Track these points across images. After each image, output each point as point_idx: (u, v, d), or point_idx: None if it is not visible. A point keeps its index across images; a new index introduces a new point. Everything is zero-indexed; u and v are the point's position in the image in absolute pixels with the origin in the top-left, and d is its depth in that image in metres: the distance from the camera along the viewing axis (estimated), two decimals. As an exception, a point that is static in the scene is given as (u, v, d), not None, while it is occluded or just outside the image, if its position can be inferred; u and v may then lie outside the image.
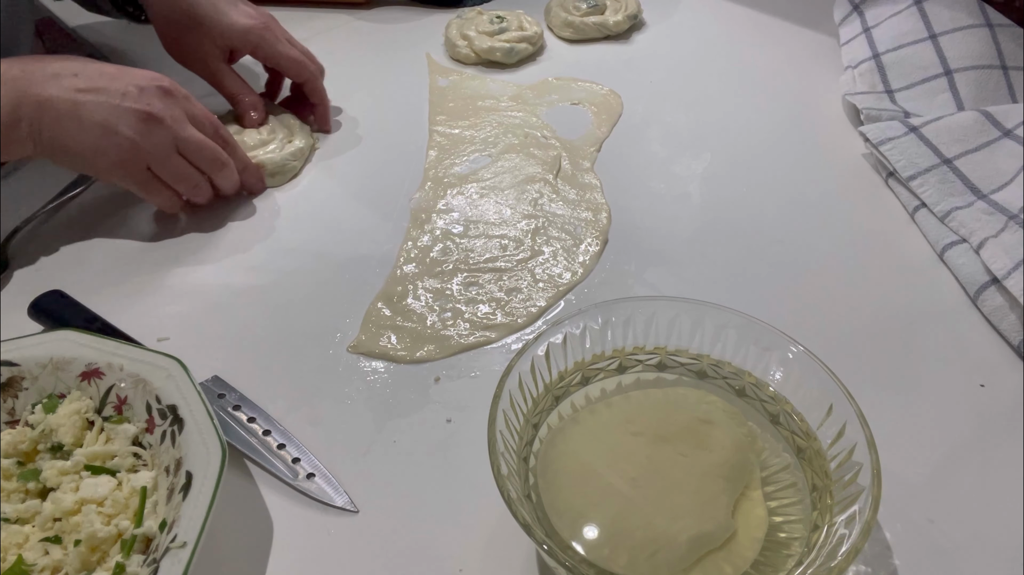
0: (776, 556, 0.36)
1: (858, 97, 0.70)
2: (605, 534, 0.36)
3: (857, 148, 0.68)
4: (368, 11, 0.91)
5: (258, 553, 0.41)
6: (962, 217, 0.57)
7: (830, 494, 0.37)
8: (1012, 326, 0.51)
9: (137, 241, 0.60)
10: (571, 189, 0.64)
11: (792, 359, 0.41)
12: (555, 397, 0.42)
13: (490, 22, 0.82)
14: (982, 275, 0.53)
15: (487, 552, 0.41)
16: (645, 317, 0.44)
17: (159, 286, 0.56)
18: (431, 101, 0.75)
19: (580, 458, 0.40)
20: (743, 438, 0.40)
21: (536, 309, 0.54)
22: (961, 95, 0.67)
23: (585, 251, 0.58)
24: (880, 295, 0.55)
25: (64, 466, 0.41)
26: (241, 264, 0.58)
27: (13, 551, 0.38)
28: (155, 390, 0.42)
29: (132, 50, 0.83)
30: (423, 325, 0.53)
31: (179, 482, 0.38)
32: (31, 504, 0.39)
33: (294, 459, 0.44)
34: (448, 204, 0.63)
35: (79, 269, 0.57)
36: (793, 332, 0.41)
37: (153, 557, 0.36)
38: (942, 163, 0.60)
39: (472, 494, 0.43)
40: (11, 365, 0.44)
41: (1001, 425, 0.46)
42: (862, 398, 0.38)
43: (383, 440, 0.46)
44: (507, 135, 0.70)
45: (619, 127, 0.72)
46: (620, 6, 0.85)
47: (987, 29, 0.68)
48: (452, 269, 0.57)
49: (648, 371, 0.44)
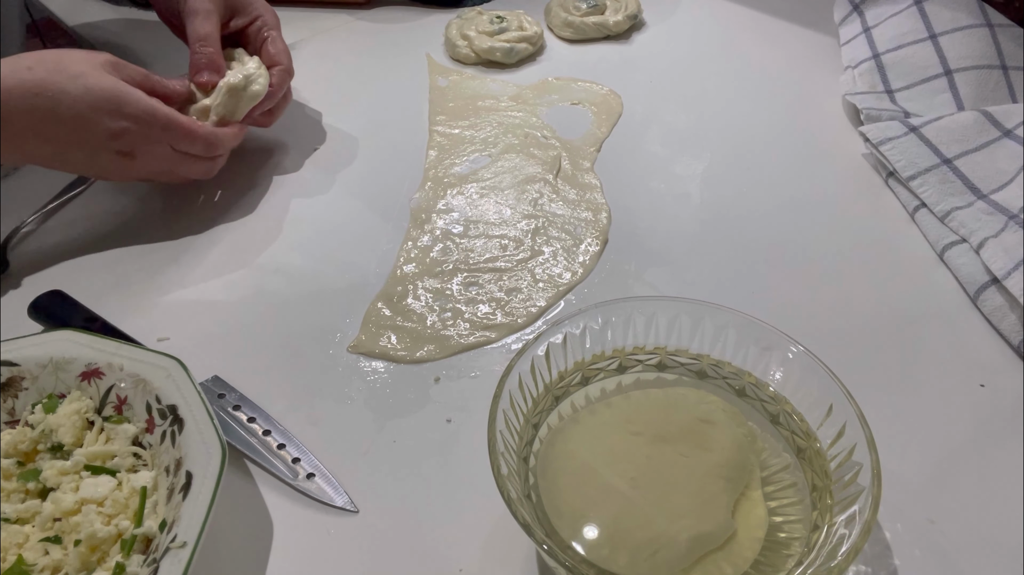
0: (776, 556, 0.36)
1: (858, 97, 0.70)
2: (605, 534, 0.36)
3: (857, 148, 0.68)
4: (368, 11, 0.91)
5: (258, 553, 0.41)
6: (962, 217, 0.57)
7: (830, 494, 0.37)
8: (1012, 326, 0.51)
9: (137, 241, 0.60)
10: (571, 189, 0.64)
11: (792, 359, 0.41)
12: (555, 397, 0.42)
13: (490, 22, 0.82)
14: (982, 275, 0.53)
15: (487, 552, 0.41)
16: (645, 317, 0.44)
17: (159, 286, 0.56)
18: (431, 101, 0.75)
19: (580, 458, 0.40)
20: (743, 438, 0.40)
21: (536, 309, 0.54)
22: (961, 95, 0.67)
23: (585, 251, 0.58)
24: (880, 295, 0.55)
25: (64, 466, 0.41)
26: (241, 264, 0.58)
27: (13, 551, 0.38)
28: (155, 390, 0.42)
29: (133, 47, 0.83)
30: (423, 325, 0.53)
31: (179, 482, 0.38)
32: (31, 504, 0.39)
33: (294, 459, 0.44)
34: (448, 204, 0.63)
35: (79, 269, 0.57)
36: (793, 332, 0.41)
37: (153, 557, 0.36)
38: (942, 163, 0.60)
39: (472, 494, 0.43)
40: (11, 365, 0.44)
41: (1001, 425, 0.46)
42: (862, 398, 0.38)
43: (383, 440, 0.46)
44: (507, 135, 0.70)
45: (619, 127, 0.72)
46: (620, 6, 0.85)
47: (987, 29, 0.68)
48: (452, 269, 0.57)
49: (648, 371, 0.44)
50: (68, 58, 0.53)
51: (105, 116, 0.53)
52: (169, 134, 0.56)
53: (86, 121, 0.53)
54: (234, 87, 0.61)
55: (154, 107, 0.55)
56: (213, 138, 0.59)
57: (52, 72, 0.52)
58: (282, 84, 0.65)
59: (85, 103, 0.52)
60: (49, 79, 0.51)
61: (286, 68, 0.66)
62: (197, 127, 0.58)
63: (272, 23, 0.67)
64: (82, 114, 0.52)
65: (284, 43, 0.67)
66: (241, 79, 0.61)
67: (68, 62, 0.53)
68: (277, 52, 0.66)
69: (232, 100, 0.61)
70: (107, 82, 0.53)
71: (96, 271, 0.57)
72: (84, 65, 0.53)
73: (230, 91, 0.61)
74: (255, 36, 0.67)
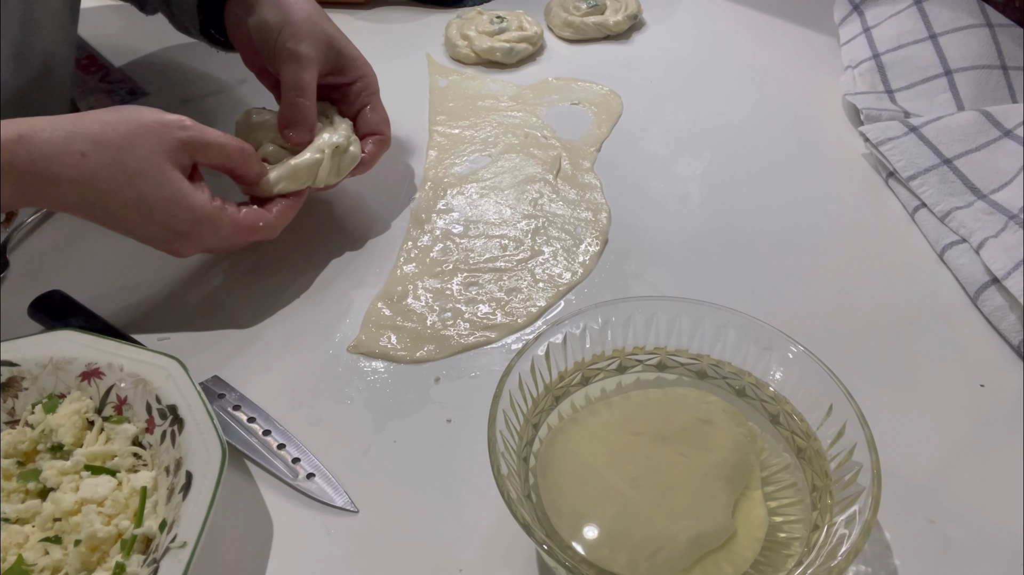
0: (776, 556, 0.36)
1: (858, 97, 0.70)
2: (605, 534, 0.36)
3: (857, 148, 0.68)
4: (368, 11, 0.91)
5: (258, 553, 0.41)
6: (962, 217, 0.57)
7: (830, 494, 0.37)
8: (1012, 326, 0.51)
9: (137, 242, 0.60)
10: (571, 189, 0.64)
11: (792, 359, 0.41)
12: (555, 397, 0.42)
13: (490, 22, 0.82)
14: (982, 275, 0.53)
15: (487, 552, 0.41)
16: (645, 317, 0.44)
17: (159, 286, 0.56)
18: (431, 101, 0.75)
19: (580, 458, 0.40)
20: (743, 438, 0.40)
21: (536, 309, 0.54)
22: (961, 95, 0.67)
23: (585, 251, 0.58)
24: (880, 295, 0.55)
25: (64, 466, 0.41)
26: (241, 264, 0.58)
27: (13, 551, 0.38)
28: (155, 390, 0.42)
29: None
30: (423, 325, 0.53)
31: (179, 482, 0.38)
32: (31, 504, 0.39)
33: (294, 459, 0.44)
34: (448, 204, 0.63)
35: (79, 269, 0.57)
36: (793, 332, 0.41)
37: (153, 557, 0.36)
38: (942, 163, 0.60)
39: (472, 494, 0.43)
40: (11, 365, 0.44)
41: (1001, 425, 0.46)
42: (862, 398, 0.38)
43: (383, 440, 0.46)
44: (507, 135, 0.70)
45: (619, 127, 0.72)
46: (620, 6, 0.85)
47: (987, 29, 0.68)
48: (452, 269, 0.57)
49: (648, 371, 0.44)
50: (130, 146, 0.46)
51: (157, 227, 0.48)
52: (231, 241, 0.51)
53: (135, 225, 0.48)
54: (338, 149, 0.55)
55: (216, 219, 0.49)
56: (280, 223, 0.53)
57: (107, 166, 0.45)
58: (377, 155, 0.59)
59: (137, 212, 0.47)
60: (102, 174, 0.45)
61: (385, 139, 0.60)
62: (265, 228, 0.52)
63: (374, 87, 0.61)
64: (131, 219, 0.47)
65: (385, 111, 0.61)
66: (343, 140, 0.55)
67: (128, 154, 0.46)
68: (378, 121, 0.60)
69: (338, 163, 0.56)
70: (167, 189, 0.47)
71: (96, 271, 0.57)
72: (145, 159, 0.46)
73: (335, 155, 0.55)
74: (353, 98, 0.60)
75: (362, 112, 0.60)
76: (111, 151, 0.45)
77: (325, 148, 0.54)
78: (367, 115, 0.60)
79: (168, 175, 0.47)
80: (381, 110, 0.61)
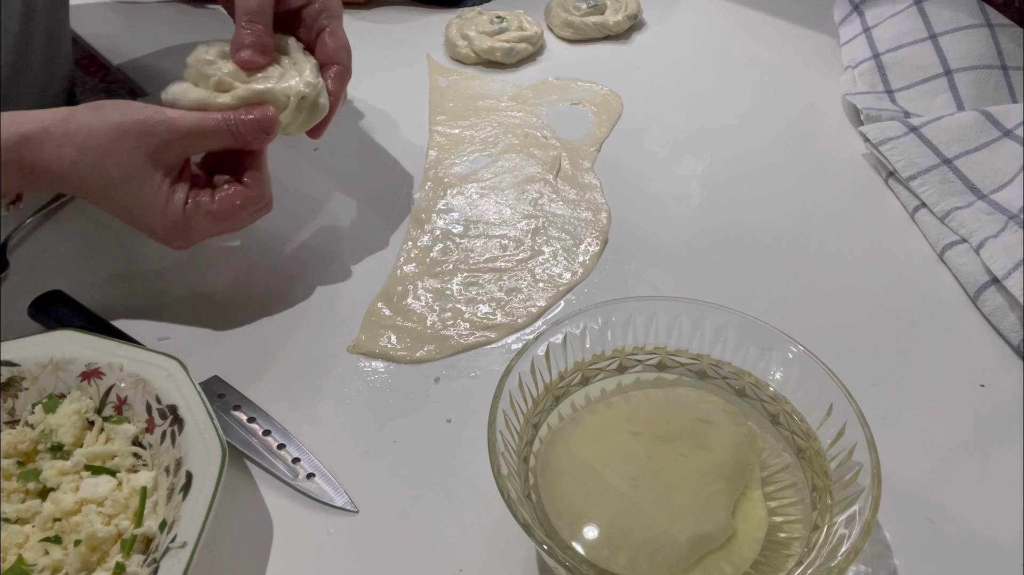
0: (776, 556, 0.36)
1: (858, 97, 0.70)
2: (605, 534, 0.36)
3: (857, 148, 0.68)
4: (368, 11, 0.91)
5: (258, 553, 0.41)
6: (962, 217, 0.57)
7: (830, 494, 0.37)
8: (1012, 326, 0.51)
9: (137, 241, 0.60)
10: (571, 189, 0.64)
11: (792, 359, 0.41)
12: (555, 397, 0.42)
13: (490, 22, 0.82)
14: (982, 275, 0.53)
15: (487, 552, 0.41)
16: (645, 317, 0.44)
17: (159, 286, 0.56)
18: (431, 101, 0.75)
19: (580, 458, 0.40)
20: (743, 438, 0.40)
21: (536, 309, 0.54)
22: (961, 95, 0.67)
23: (585, 251, 0.58)
24: (880, 295, 0.55)
25: (64, 466, 0.41)
26: (241, 264, 0.58)
27: (13, 551, 0.38)
28: (155, 390, 0.42)
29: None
30: (423, 325, 0.53)
31: (179, 482, 0.38)
32: (31, 504, 0.39)
33: (294, 459, 0.44)
34: (448, 204, 0.63)
35: (79, 269, 0.57)
36: (793, 332, 0.41)
37: (153, 557, 0.36)
38: (942, 163, 0.60)
39: (472, 494, 0.43)
40: (11, 365, 0.44)
41: (1001, 425, 0.46)
42: (862, 398, 0.38)
43: (383, 440, 0.46)
44: (507, 135, 0.70)
45: (619, 127, 0.72)
46: (620, 6, 0.85)
47: (987, 29, 0.68)
48: (452, 269, 0.57)
49: (648, 371, 0.44)
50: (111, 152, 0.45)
51: (146, 228, 0.49)
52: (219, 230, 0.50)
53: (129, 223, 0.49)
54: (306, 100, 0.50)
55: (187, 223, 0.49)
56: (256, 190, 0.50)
57: (92, 171, 0.45)
58: (340, 89, 0.54)
59: (126, 215, 0.48)
60: (89, 178, 0.46)
61: (345, 69, 0.55)
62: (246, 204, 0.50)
63: (335, 10, 0.55)
64: (124, 219, 0.49)
65: (346, 37, 0.55)
66: (310, 91, 0.50)
67: (110, 160, 0.45)
68: (337, 48, 0.54)
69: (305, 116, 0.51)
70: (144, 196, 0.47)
71: (96, 271, 0.57)
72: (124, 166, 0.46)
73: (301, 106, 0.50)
74: (311, 23, 0.55)
75: (320, 36, 0.55)
76: (95, 158, 0.45)
77: (291, 94, 0.50)
78: (325, 40, 0.54)
79: (147, 182, 0.47)
80: (342, 36, 0.55)
